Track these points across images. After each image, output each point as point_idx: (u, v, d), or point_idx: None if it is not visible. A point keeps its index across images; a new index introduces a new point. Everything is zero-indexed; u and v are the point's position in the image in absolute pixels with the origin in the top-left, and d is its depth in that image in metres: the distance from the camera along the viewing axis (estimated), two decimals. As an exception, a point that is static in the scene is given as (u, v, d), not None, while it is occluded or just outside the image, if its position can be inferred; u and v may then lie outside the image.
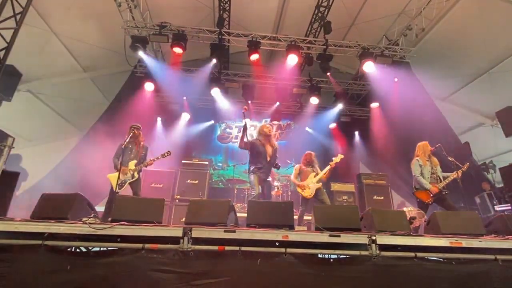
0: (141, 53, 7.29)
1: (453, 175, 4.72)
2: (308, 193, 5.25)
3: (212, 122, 10.24)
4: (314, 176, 5.35)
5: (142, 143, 5.01)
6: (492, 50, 7.54)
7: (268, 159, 4.60)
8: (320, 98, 9.05)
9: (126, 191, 4.77)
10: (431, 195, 4.67)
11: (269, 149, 4.65)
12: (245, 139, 4.62)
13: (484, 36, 7.16)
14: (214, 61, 7.97)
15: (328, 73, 8.21)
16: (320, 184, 5.32)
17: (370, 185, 7.73)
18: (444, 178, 4.79)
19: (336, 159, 5.46)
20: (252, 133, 10.46)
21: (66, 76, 8.37)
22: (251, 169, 4.61)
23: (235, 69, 9.29)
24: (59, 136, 9.82)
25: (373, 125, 9.50)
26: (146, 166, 4.93)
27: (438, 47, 8.02)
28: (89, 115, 8.57)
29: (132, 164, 4.78)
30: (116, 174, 4.62)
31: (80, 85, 8.74)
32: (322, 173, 5.36)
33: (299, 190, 5.44)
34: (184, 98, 9.35)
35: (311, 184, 5.30)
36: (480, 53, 7.64)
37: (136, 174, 4.78)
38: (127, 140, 4.67)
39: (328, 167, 5.39)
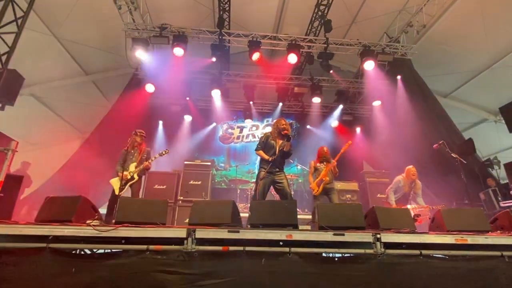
0: (140, 53, 7.24)
1: (422, 209, 5.10)
2: (315, 190, 5.12)
3: (213, 123, 10.25)
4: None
5: (144, 147, 5.07)
6: (494, 45, 7.49)
7: (277, 154, 4.26)
8: (322, 97, 9.02)
9: (127, 192, 4.80)
10: None
11: (278, 144, 4.33)
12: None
13: (486, 31, 7.12)
14: (214, 60, 8.00)
15: (331, 71, 8.17)
16: (331, 182, 5.12)
17: (373, 183, 7.71)
18: (418, 204, 5.15)
19: (345, 146, 5.31)
20: (255, 133, 10.49)
21: (68, 79, 8.41)
22: (260, 164, 4.41)
23: (235, 70, 9.28)
24: (62, 139, 9.88)
25: (375, 123, 9.46)
26: (147, 169, 4.95)
27: (439, 43, 7.98)
28: (91, 118, 8.61)
29: (132, 166, 4.83)
30: (117, 178, 4.69)
31: (82, 88, 8.78)
32: (331, 165, 5.16)
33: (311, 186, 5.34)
34: (187, 99, 9.35)
35: (319, 182, 5.13)
36: (482, 48, 7.59)
37: (136, 176, 4.81)
38: (129, 145, 4.73)
39: (335, 158, 5.22)
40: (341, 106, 9.68)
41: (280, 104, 9.91)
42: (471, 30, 7.37)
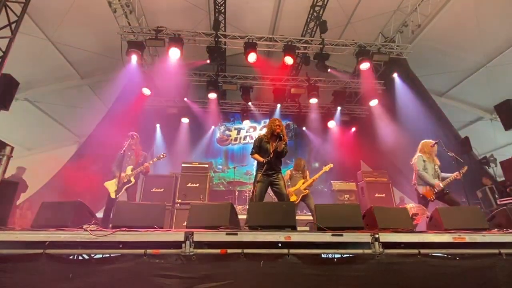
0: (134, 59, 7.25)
1: (453, 176, 4.71)
2: (294, 198, 5.57)
3: (211, 125, 10.24)
4: (303, 183, 5.66)
5: (140, 150, 5.05)
6: (488, 44, 7.55)
7: (271, 155, 4.22)
8: (318, 98, 9.04)
9: (124, 196, 4.77)
10: (434, 191, 4.65)
11: (272, 146, 4.31)
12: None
13: (480, 30, 7.17)
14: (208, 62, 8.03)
15: (329, 70, 8.18)
16: (307, 191, 5.62)
17: (371, 182, 7.71)
18: (444, 178, 4.78)
19: (325, 168, 5.78)
20: (252, 135, 10.48)
21: (63, 83, 8.38)
22: (256, 167, 4.42)
23: (232, 71, 9.28)
24: (58, 144, 9.83)
25: (372, 122, 9.49)
26: (144, 172, 4.93)
27: (434, 43, 8.03)
28: (87, 122, 8.56)
29: (129, 170, 4.81)
30: (112, 181, 4.68)
31: (78, 92, 8.74)
32: (310, 181, 5.69)
33: None
34: (183, 101, 9.34)
35: (297, 191, 5.65)
36: (477, 47, 7.65)
37: (132, 179, 4.79)
38: (126, 148, 4.70)
39: (316, 176, 5.76)
40: (338, 106, 9.71)
41: (278, 105, 9.93)
42: (465, 29, 7.42)
